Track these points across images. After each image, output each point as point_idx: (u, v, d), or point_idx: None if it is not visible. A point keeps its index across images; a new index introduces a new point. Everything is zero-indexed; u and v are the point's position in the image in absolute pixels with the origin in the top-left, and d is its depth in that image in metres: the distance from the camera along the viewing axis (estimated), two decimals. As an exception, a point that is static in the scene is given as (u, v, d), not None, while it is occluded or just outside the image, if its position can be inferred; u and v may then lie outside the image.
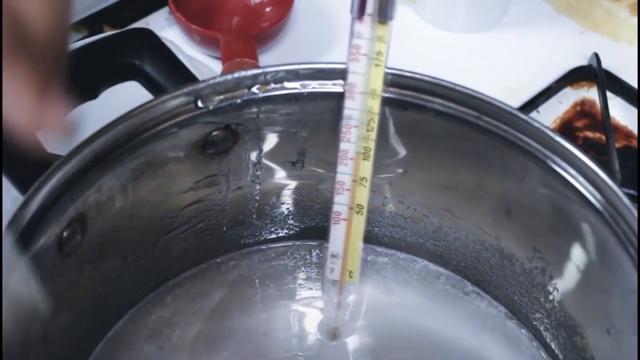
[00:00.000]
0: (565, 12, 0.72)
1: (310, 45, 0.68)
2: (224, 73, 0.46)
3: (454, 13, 0.69)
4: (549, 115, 0.65)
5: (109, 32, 0.65)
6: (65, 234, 0.41)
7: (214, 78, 0.45)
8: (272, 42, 0.67)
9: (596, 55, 0.66)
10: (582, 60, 0.68)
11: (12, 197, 0.42)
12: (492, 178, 0.47)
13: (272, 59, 0.66)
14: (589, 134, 0.64)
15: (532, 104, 0.65)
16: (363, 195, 0.47)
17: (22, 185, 0.42)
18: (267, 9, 0.69)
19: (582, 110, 0.65)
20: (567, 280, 0.46)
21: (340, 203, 0.47)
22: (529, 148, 0.44)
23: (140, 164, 0.44)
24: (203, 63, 0.60)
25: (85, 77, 0.48)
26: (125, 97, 0.47)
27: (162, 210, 0.48)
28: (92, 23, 0.69)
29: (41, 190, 0.39)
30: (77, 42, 0.60)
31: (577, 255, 0.45)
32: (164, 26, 0.69)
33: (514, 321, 0.51)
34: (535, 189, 0.45)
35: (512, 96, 0.64)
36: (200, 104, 0.45)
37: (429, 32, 0.70)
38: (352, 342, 0.50)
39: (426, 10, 0.70)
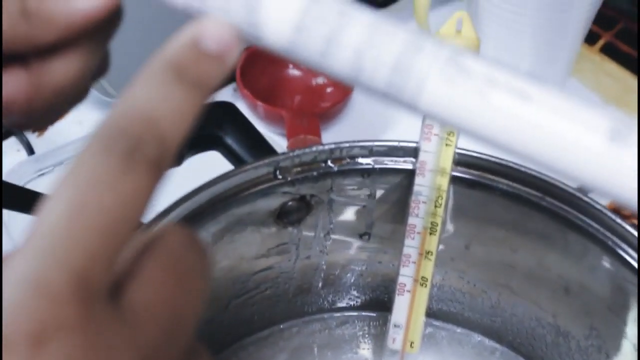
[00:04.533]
0: (614, 103, 0.74)
1: (369, 124, 0.71)
2: (301, 147, 0.49)
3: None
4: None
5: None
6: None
7: (293, 151, 0.47)
8: (333, 120, 0.70)
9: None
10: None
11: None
12: (553, 257, 0.49)
13: (333, 136, 0.69)
14: None
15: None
16: (428, 269, 0.49)
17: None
18: (328, 90, 0.73)
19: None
20: (623, 358, 0.48)
21: (406, 275, 0.49)
22: (589, 229, 0.46)
23: (221, 229, 0.47)
24: (270, 137, 0.63)
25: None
26: (207, 166, 0.50)
27: (235, 275, 0.50)
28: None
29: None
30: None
31: (634, 334, 0.46)
32: (231, 101, 0.72)
33: (567, 398, 0.52)
34: (594, 268, 0.47)
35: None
36: (279, 174, 0.47)
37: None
38: (410, 411, 0.52)
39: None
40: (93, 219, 0.22)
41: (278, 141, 0.66)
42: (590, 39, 0.76)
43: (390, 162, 0.49)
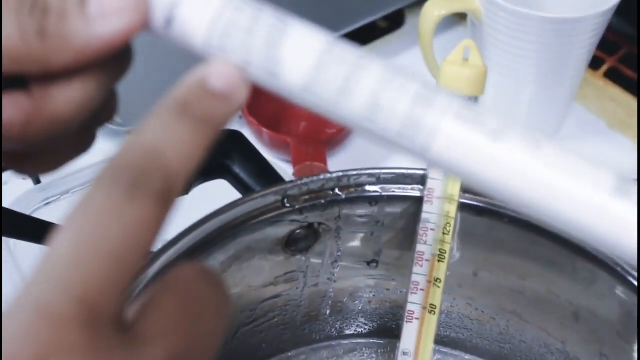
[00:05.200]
0: (618, 128, 0.75)
1: (375, 151, 0.71)
2: (308, 175, 0.49)
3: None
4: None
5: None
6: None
7: (301, 179, 0.48)
8: (339, 147, 0.70)
9: (650, 170, 0.69)
10: (635, 176, 0.70)
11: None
12: (562, 283, 0.49)
13: (339, 163, 0.69)
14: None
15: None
16: (437, 296, 0.49)
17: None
18: (334, 116, 0.73)
19: None
20: (633, 385, 0.48)
21: (414, 302, 0.49)
22: (598, 255, 0.46)
23: (229, 257, 0.47)
24: (276, 164, 0.63)
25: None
26: (214, 194, 0.50)
27: (243, 303, 0.50)
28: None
29: (134, 284, 0.42)
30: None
31: (644, 361, 0.46)
32: (236, 128, 0.72)
33: None
34: (603, 294, 0.47)
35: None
36: (287, 203, 0.47)
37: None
38: None
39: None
40: (98, 247, 0.22)
41: (284, 168, 0.66)
42: (595, 64, 0.76)
43: (398, 190, 0.49)
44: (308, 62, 0.26)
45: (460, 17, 0.80)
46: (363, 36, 0.80)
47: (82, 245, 0.22)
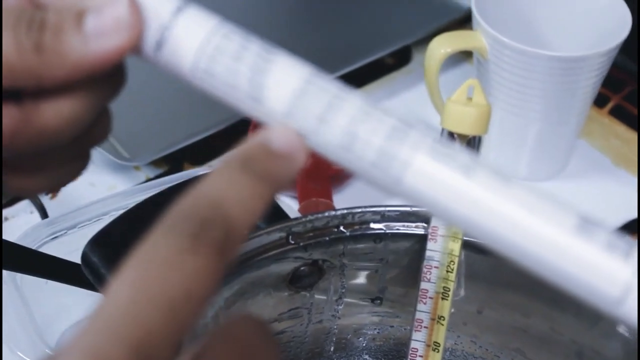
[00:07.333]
0: (623, 165, 0.75)
1: (380, 188, 0.71)
2: (313, 211, 0.50)
3: (518, 162, 0.72)
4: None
5: (190, 170, 0.69)
6: None
7: (305, 216, 0.48)
8: (344, 183, 0.71)
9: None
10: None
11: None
12: (565, 322, 0.49)
13: (344, 199, 0.69)
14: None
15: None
16: (440, 334, 0.49)
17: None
18: (340, 152, 0.73)
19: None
20: None
21: (418, 340, 0.49)
22: (602, 294, 0.46)
23: (233, 294, 0.47)
24: (281, 200, 0.64)
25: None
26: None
27: (247, 340, 0.50)
28: (173, 160, 0.72)
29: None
30: (163, 178, 0.64)
31: (649, 401, 0.46)
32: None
33: None
34: (608, 334, 0.47)
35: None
36: (291, 240, 0.48)
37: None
38: None
39: (490, 158, 0.74)
40: (157, 297, 0.22)
41: (289, 204, 0.66)
42: (600, 101, 0.77)
43: (402, 227, 0.49)
44: (291, 89, 0.27)
45: (466, 55, 0.80)
46: (369, 73, 0.80)
47: (141, 294, 0.22)
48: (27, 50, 0.27)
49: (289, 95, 0.27)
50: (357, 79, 0.79)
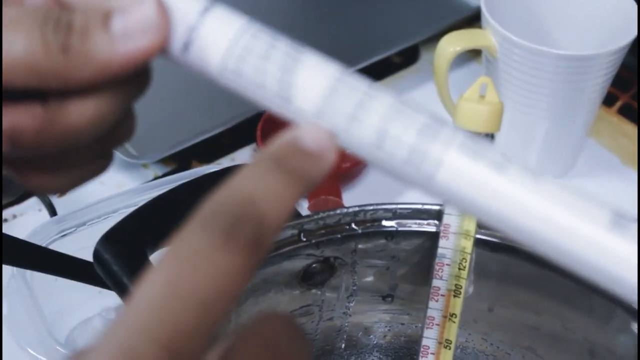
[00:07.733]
0: (631, 163, 0.75)
1: (390, 185, 0.71)
2: (324, 209, 0.50)
3: (526, 160, 0.72)
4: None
5: (198, 168, 0.69)
6: None
7: (317, 214, 0.48)
8: (354, 181, 0.71)
9: (664, 207, 0.69)
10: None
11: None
12: (577, 320, 0.49)
13: (354, 197, 0.69)
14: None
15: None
16: (452, 331, 0.49)
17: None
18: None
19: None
20: (650, 423, 0.48)
21: (430, 337, 0.49)
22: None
23: (246, 291, 0.47)
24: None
25: (183, 217, 0.51)
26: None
27: (259, 337, 0.50)
28: (181, 158, 0.72)
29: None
30: (171, 176, 0.64)
31: (661, 399, 0.46)
32: (250, 163, 0.73)
33: None
34: (620, 331, 0.47)
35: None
36: (303, 237, 0.48)
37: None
38: None
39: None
40: (187, 294, 0.22)
41: (299, 201, 0.66)
42: (609, 100, 0.77)
43: (414, 225, 0.49)
44: (321, 88, 0.26)
45: (474, 53, 0.80)
46: (377, 71, 0.80)
47: (171, 290, 0.22)
48: (53, 51, 0.27)
49: (319, 93, 0.26)
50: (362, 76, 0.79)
